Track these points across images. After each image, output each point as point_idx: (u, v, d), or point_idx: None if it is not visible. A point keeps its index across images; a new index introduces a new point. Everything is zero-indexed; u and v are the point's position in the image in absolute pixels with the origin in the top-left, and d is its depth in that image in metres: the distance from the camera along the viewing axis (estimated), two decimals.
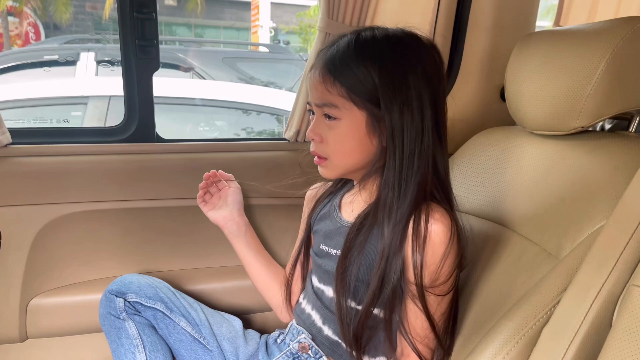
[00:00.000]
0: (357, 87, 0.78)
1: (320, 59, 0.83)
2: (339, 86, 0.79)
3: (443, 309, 0.82)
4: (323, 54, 0.83)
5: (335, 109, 0.80)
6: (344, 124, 0.80)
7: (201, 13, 10.41)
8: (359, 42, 0.80)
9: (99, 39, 6.75)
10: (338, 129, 0.81)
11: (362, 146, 0.81)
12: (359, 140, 0.81)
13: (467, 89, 1.36)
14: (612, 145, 0.85)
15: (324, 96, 0.81)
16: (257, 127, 3.00)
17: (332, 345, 0.93)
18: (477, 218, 1.01)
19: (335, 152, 0.83)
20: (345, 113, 0.80)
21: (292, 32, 10.64)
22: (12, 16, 8.78)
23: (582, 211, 0.79)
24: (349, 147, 0.82)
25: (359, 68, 0.78)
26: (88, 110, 2.49)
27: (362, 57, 0.78)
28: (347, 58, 0.79)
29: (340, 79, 0.79)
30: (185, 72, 3.39)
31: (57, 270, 1.23)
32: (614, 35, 0.81)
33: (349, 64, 0.79)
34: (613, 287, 0.62)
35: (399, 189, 0.79)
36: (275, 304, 1.13)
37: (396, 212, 0.79)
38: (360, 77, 0.78)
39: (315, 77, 0.82)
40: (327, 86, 0.80)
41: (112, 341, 1.03)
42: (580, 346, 0.61)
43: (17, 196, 1.16)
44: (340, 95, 0.79)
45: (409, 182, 0.79)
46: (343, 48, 0.80)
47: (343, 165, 0.85)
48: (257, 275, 1.15)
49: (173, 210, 1.28)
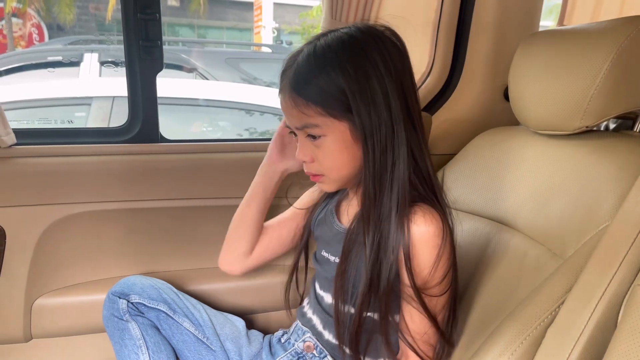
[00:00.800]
0: (330, 101, 0.77)
1: (285, 83, 0.81)
2: (313, 106, 0.77)
3: (441, 306, 0.82)
4: (286, 76, 0.81)
5: (317, 128, 0.79)
6: (330, 139, 0.79)
7: (204, 14, 10.42)
8: (317, 54, 0.78)
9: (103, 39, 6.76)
10: (325, 146, 0.80)
11: (353, 156, 0.80)
12: (347, 151, 0.80)
13: (470, 88, 1.36)
14: (617, 145, 0.85)
15: (302, 119, 0.79)
16: (260, 128, 3.00)
17: (333, 349, 0.94)
18: (480, 218, 1.01)
19: (328, 168, 0.83)
20: (328, 129, 0.79)
21: (294, 32, 10.65)
22: (15, 17, 8.81)
23: (587, 211, 0.78)
24: (340, 161, 0.81)
25: (325, 81, 0.76)
26: (92, 111, 2.49)
27: (324, 68, 0.77)
28: (310, 74, 0.78)
29: (312, 98, 0.77)
30: (189, 72, 3.39)
31: (61, 270, 1.23)
32: (619, 35, 0.80)
33: (314, 80, 0.77)
34: (618, 287, 0.61)
35: (374, 189, 0.78)
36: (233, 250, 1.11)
37: (375, 211, 0.78)
38: (329, 90, 0.76)
39: (286, 102, 0.81)
40: (302, 109, 0.78)
41: (116, 342, 1.03)
42: (585, 346, 0.61)
43: (21, 196, 1.17)
44: (317, 114, 0.78)
45: (384, 179, 0.78)
46: (303, 65, 0.79)
47: (339, 178, 0.84)
48: (242, 214, 1.10)
49: (177, 211, 1.29)
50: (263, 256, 1.11)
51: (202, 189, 1.29)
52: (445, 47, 1.36)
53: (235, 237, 1.11)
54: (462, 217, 1.02)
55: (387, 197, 0.78)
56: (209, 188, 1.29)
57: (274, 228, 1.11)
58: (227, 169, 1.30)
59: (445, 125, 1.35)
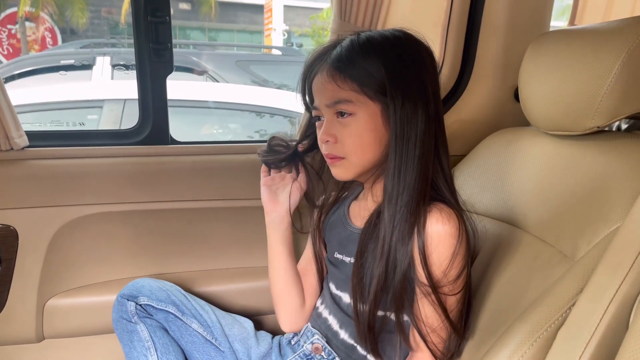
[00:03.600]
0: (368, 80, 0.79)
1: (323, 62, 0.84)
2: (350, 81, 0.80)
3: (454, 303, 0.82)
4: (326, 56, 0.84)
5: (349, 104, 0.81)
6: (360, 118, 0.81)
7: (215, 17, 10.49)
8: (362, 40, 0.82)
9: (115, 43, 6.82)
10: (354, 124, 0.82)
11: (379, 139, 0.82)
12: (375, 132, 0.81)
13: (480, 89, 1.35)
14: (629, 146, 0.84)
15: (336, 94, 0.81)
16: (270, 130, 3.01)
17: (347, 349, 0.93)
18: (491, 219, 1.00)
19: (353, 149, 0.83)
20: (360, 107, 0.80)
21: (304, 34, 10.67)
22: (29, 21, 8.92)
23: (598, 212, 0.77)
24: (366, 141, 0.82)
25: (366, 62, 0.80)
26: (103, 114, 2.52)
27: (368, 52, 0.80)
28: (353, 54, 0.81)
29: (350, 74, 0.80)
30: (199, 75, 3.41)
31: (73, 271, 1.24)
32: (630, 34, 0.80)
33: (356, 59, 0.80)
34: (630, 288, 0.61)
35: (399, 176, 0.79)
36: (289, 310, 1.08)
37: (396, 200, 0.79)
38: (369, 70, 0.79)
39: (322, 78, 0.83)
40: (338, 83, 0.80)
41: (125, 344, 1.04)
42: (596, 348, 0.61)
43: (34, 198, 1.18)
44: (352, 90, 0.80)
45: (408, 167, 0.79)
46: (347, 46, 0.82)
47: (360, 163, 0.84)
48: (280, 276, 1.08)
49: (187, 212, 1.29)
50: (314, 296, 1.09)
51: (211, 190, 1.29)
52: (455, 48, 1.35)
53: (285, 301, 1.08)
54: (473, 218, 1.01)
55: (407, 191, 0.78)
56: (219, 190, 1.30)
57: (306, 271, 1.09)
58: (237, 171, 1.30)
59: (455, 126, 1.35)
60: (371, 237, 0.83)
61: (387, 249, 0.79)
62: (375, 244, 0.82)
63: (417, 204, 0.78)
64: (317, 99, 0.86)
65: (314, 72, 0.86)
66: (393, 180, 0.79)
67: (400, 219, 0.78)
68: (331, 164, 0.87)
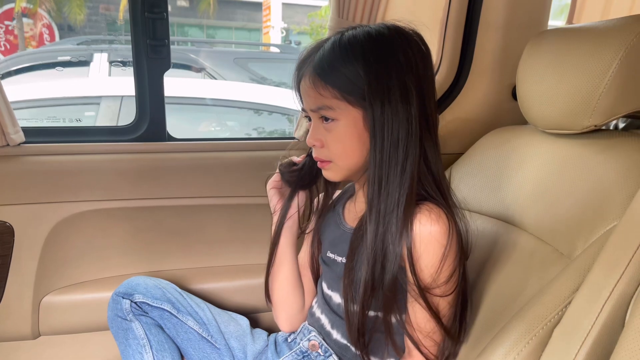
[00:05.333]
0: (348, 87, 0.78)
1: (308, 65, 0.83)
2: (331, 88, 0.79)
3: (447, 305, 0.81)
4: (310, 59, 0.83)
5: (331, 110, 0.80)
6: (342, 124, 0.80)
7: (213, 14, 10.47)
8: (343, 43, 0.80)
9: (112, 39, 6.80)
10: (336, 130, 0.81)
11: (362, 143, 0.80)
12: (358, 138, 0.80)
13: (478, 87, 1.35)
14: (626, 145, 0.84)
15: (318, 100, 0.81)
16: (268, 127, 3.01)
17: (341, 349, 0.93)
18: (487, 218, 1.00)
19: (337, 154, 0.83)
20: (342, 113, 0.80)
21: (303, 32, 10.66)
22: (26, 18, 8.89)
23: (595, 211, 0.78)
24: (349, 146, 0.81)
25: (346, 68, 0.78)
26: (101, 110, 2.51)
27: (347, 56, 0.78)
28: (333, 60, 0.79)
29: (331, 81, 0.79)
30: (197, 72, 3.41)
31: (69, 268, 1.24)
32: (628, 33, 0.79)
33: (336, 65, 0.79)
34: (626, 287, 0.61)
35: (380, 182, 0.78)
36: (291, 312, 1.06)
37: (380, 206, 0.78)
38: (348, 76, 0.78)
39: (306, 83, 0.82)
40: (319, 90, 0.80)
41: (120, 342, 1.03)
42: (592, 347, 0.61)
43: (30, 194, 1.18)
44: (333, 97, 0.79)
45: (390, 174, 0.77)
46: (328, 51, 0.80)
47: (346, 166, 0.84)
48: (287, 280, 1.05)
49: (183, 210, 1.29)
50: (311, 296, 1.08)
51: (208, 187, 1.29)
52: (452, 46, 1.35)
53: (289, 303, 1.06)
54: (469, 217, 1.01)
55: (393, 192, 0.77)
56: (216, 187, 1.30)
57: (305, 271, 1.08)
58: (234, 168, 1.30)
59: (452, 125, 1.35)
60: (362, 238, 0.82)
61: (372, 252, 0.78)
62: (365, 244, 0.81)
63: (403, 207, 0.77)
64: (304, 103, 0.86)
65: (300, 74, 0.85)
66: (373, 187, 0.78)
67: (385, 224, 0.77)
68: (321, 167, 0.87)
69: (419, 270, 0.77)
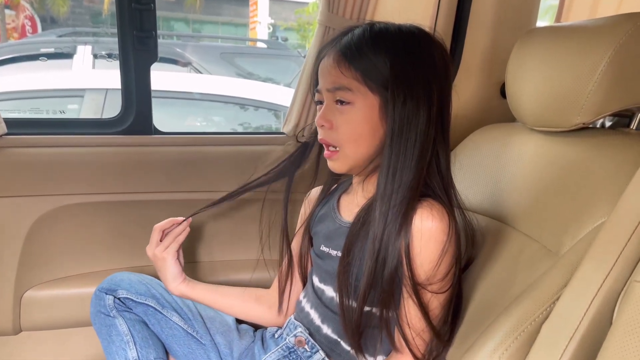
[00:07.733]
0: (371, 72, 0.78)
1: (333, 46, 0.83)
2: (354, 70, 0.79)
3: (440, 303, 0.82)
4: (336, 41, 0.83)
5: (348, 92, 0.80)
6: (357, 108, 0.80)
7: (199, 8, 10.38)
8: (374, 31, 0.81)
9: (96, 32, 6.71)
10: (351, 114, 0.81)
11: (374, 132, 0.80)
12: (370, 125, 0.80)
13: (467, 85, 1.35)
14: (613, 142, 0.84)
15: (338, 80, 0.80)
16: (254, 123, 2.99)
17: (330, 344, 0.93)
18: (476, 214, 1.00)
19: (345, 138, 0.82)
20: (359, 97, 0.79)
21: (290, 28, 10.62)
22: (9, 9, 8.73)
23: (583, 208, 0.78)
24: (359, 133, 0.81)
25: (374, 54, 0.79)
26: (84, 103, 2.47)
27: (377, 44, 0.79)
28: (362, 44, 0.80)
29: (355, 63, 0.79)
30: (183, 66, 3.38)
31: (51, 262, 1.22)
32: (617, 32, 0.80)
33: (364, 49, 0.79)
34: (614, 283, 0.61)
35: (394, 174, 0.78)
36: (260, 316, 1.09)
37: (389, 198, 0.78)
38: (374, 62, 0.78)
39: (328, 62, 0.82)
40: (342, 69, 0.80)
41: (104, 339, 1.02)
42: (580, 342, 0.61)
43: (12, 187, 1.15)
44: (354, 78, 0.79)
45: (405, 167, 0.78)
46: (359, 35, 0.81)
47: (354, 156, 0.83)
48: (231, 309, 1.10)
49: (169, 204, 1.27)
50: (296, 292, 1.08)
51: (194, 182, 1.28)
52: None
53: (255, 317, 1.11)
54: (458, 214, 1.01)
55: (402, 187, 0.78)
56: (202, 181, 1.29)
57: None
58: (220, 162, 1.28)
59: None
60: (359, 233, 0.82)
61: (377, 246, 0.78)
62: (363, 241, 0.81)
63: (409, 202, 0.78)
64: (320, 82, 0.85)
65: (322, 54, 0.85)
66: (387, 179, 0.78)
67: (392, 217, 0.77)
68: (327, 156, 0.86)
69: (417, 265, 0.78)
